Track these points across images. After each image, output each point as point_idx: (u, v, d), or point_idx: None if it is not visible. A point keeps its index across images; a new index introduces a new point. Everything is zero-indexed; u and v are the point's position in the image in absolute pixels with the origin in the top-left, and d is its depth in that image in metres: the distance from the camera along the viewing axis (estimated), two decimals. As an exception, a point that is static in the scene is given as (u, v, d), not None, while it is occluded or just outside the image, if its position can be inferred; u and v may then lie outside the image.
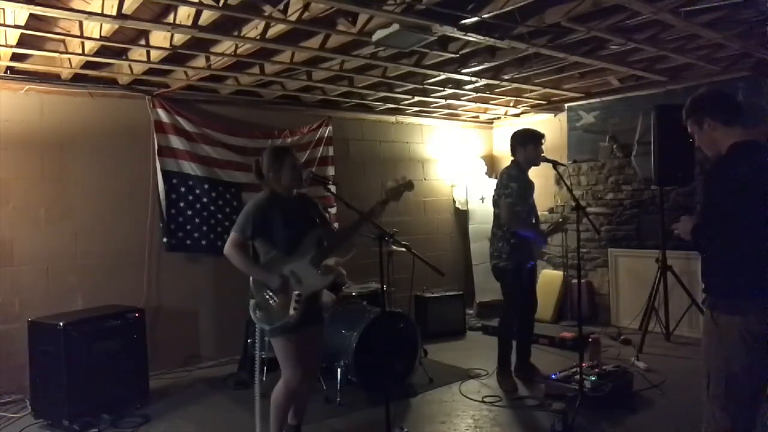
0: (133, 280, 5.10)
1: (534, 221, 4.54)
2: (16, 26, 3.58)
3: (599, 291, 6.64)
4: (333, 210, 6.13)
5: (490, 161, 7.78)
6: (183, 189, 5.32)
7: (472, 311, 7.06)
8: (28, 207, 4.67)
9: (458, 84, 5.62)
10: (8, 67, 4.43)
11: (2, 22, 3.52)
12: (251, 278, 3.13)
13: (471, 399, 4.27)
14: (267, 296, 3.08)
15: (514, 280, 4.40)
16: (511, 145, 4.52)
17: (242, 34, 3.90)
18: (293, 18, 3.55)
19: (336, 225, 5.88)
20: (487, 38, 4.02)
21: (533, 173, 4.60)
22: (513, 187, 4.32)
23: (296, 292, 3.06)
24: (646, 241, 6.14)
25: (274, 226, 3.12)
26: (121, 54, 4.33)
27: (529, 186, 4.48)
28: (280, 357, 3.17)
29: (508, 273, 4.39)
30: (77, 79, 4.78)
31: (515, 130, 4.56)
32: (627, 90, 6.16)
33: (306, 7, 3.46)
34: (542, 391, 4.22)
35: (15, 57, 4.24)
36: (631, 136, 6.27)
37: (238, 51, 4.23)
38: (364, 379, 4.27)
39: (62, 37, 3.92)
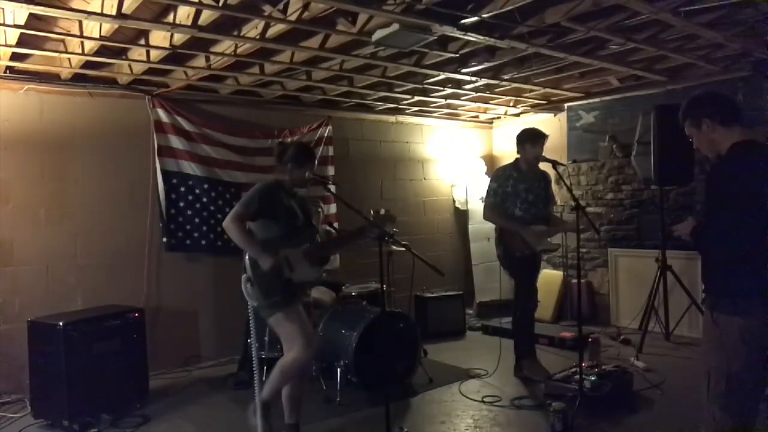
0: (133, 280, 5.10)
1: (536, 216, 4.57)
2: (16, 26, 3.58)
3: (599, 291, 6.64)
4: (333, 210, 6.13)
5: (490, 161, 7.77)
6: (183, 189, 5.32)
7: (471, 311, 7.06)
8: (28, 207, 4.67)
9: (458, 84, 5.62)
10: (8, 67, 4.43)
11: (2, 21, 3.52)
12: (247, 254, 3.18)
13: (471, 399, 4.27)
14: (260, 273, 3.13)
15: (512, 266, 4.57)
16: (516, 143, 4.66)
17: (242, 34, 3.90)
18: (293, 18, 3.55)
19: (336, 224, 5.87)
20: (487, 38, 4.02)
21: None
22: (492, 186, 4.62)
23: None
24: (646, 241, 6.14)
25: (278, 211, 3.25)
26: (120, 54, 4.32)
27: (524, 183, 4.56)
28: (284, 332, 3.23)
29: (507, 260, 4.59)
30: (77, 79, 4.78)
31: (523, 128, 4.68)
32: (627, 90, 6.16)
33: (306, 6, 3.46)
34: (542, 390, 4.22)
35: (15, 57, 4.23)
36: (630, 136, 6.27)
37: (238, 51, 4.23)
38: (364, 379, 4.27)
39: (62, 36, 3.92)
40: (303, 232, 3.36)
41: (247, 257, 3.17)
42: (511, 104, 6.85)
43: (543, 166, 4.56)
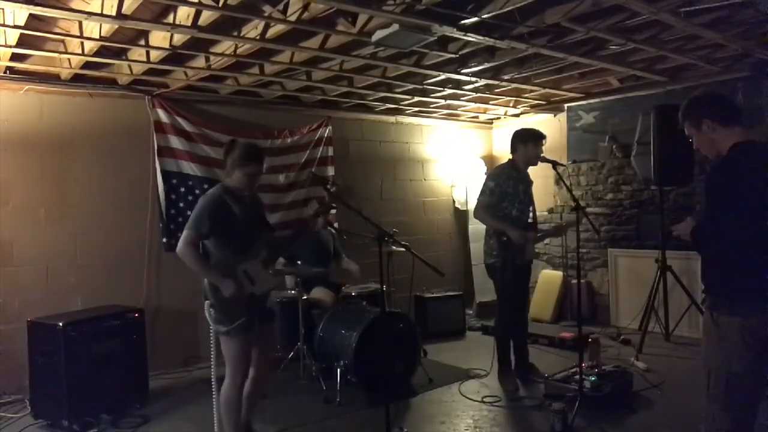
0: (133, 280, 5.10)
1: (530, 220, 4.50)
2: (16, 26, 3.58)
3: (599, 291, 6.64)
4: (333, 210, 6.13)
5: (490, 161, 7.77)
6: (183, 189, 5.32)
7: (471, 311, 7.07)
8: (28, 207, 4.67)
9: (458, 84, 5.62)
10: (8, 67, 4.43)
11: (2, 22, 3.52)
12: (205, 279, 3.06)
13: (470, 399, 4.27)
14: (222, 298, 3.04)
15: (503, 277, 4.40)
16: (512, 143, 4.55)
17: (242, 34, 3.90)
18: (293, 18, 3.55)
19: (336, 224, 5.88)
20: (487, 38, 4.02)
21: (533, 173, 4.63)
22: (489, 185, 4.45)
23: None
24: (646, 241, 6.14)
25: (229, 225, 3.06)
26: (120, 54, 4.33)
27: (521, 183, 4.46)
28: (229, 356, 3.13)
29: (497, 270, 4.42)
30: (77, 79, 4.78)
31: (518, 129, 4.59)
32: (627, 90, 6.16)
33: (306, 7, 3.46)
34: (542, 391, 4.22)
35: (15, 57, 4.23)
36: (630, 136, 6.27)
37: (238, 51, 4.23)
38: (364, 379, 4.27)
39: (62, 37, 3.92)
40: (260, 240, 3.19)
41: (206, 282, 3.06)
42: (511, 104, 6.85)
43: (543, 166, 4.53)
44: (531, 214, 4.54)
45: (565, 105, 6.86)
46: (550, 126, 6.96)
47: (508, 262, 4.33)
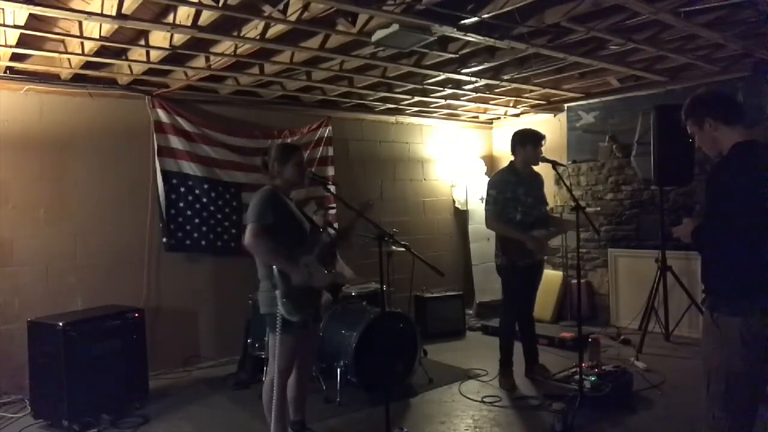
0: (132, 280, 5.10)
1: (536, 218, 4.48)
2: (16, 26, 3.58)
3: (599, 291, 6.64)
4: (333, 210, 6.13)
5: (490, 161, 7.77)
6: (182, 189, 5.32)
7: (471, 311, 7.07)
8: (28, 207, 4.67)
9: (458, 84, 5.62)
10: (8, 67, 4.43)
11: (2, 22, 3.52)
12: (275, 268, 3.03)
13: (471, 399, 4.27)
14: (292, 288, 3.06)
15: (508, 277, 4.46)
16: (512, 144, 4.54)
17: (242, 35, 3.90)
18: (293, 18, 3.56)
19: (336, 225, 5.87)
20: (487, 38, 4.02)
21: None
22: (491, 194, 4.44)
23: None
24: (646, 241, 6.14)
25: (286, 219, 3.16)
26: (120, 54, 4.33)
27: (523, 186, 4.44)
28: (283, 351, 3.15)
29: (502, 271, 4.47)
30: (77, 79, 4.78)
31: (517, 129, 4.58)
32: (626, 90, 6.16)
33: (306, 7, 3.46)
34: (542, 391, 4.22)
35: (15, 57, 4.23)
36: (630, 136, 6.27)
37: (238, 51, 4.23)
38: (364, 379, 4.27)
39: (62, 37, 3.92)
40: (312, 236, 3.26)
41: (276, 270, 3.02)
42: (511, 104, 6.85)
43: (543, 166, 4.52)
44: (541, 212, 4.51)
45: (565, 105, 6.86)
46: (550, 126, 6.96)
47: (517, 263, 4.35)
